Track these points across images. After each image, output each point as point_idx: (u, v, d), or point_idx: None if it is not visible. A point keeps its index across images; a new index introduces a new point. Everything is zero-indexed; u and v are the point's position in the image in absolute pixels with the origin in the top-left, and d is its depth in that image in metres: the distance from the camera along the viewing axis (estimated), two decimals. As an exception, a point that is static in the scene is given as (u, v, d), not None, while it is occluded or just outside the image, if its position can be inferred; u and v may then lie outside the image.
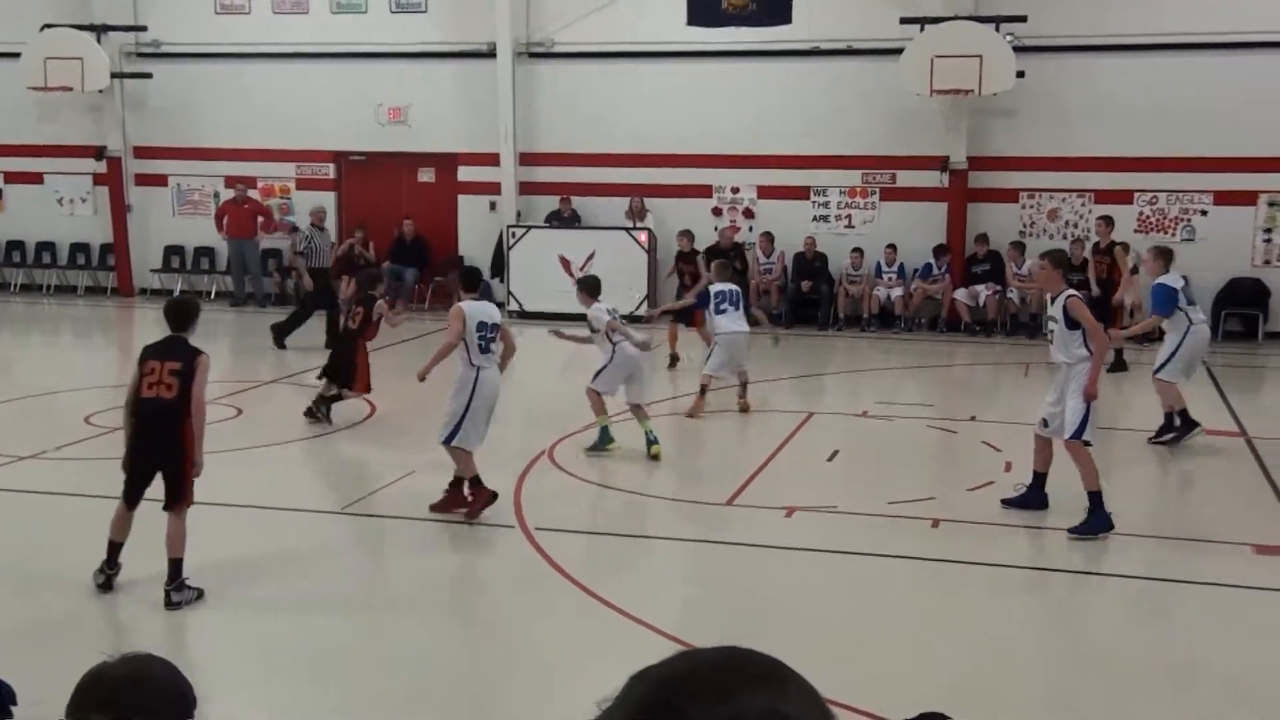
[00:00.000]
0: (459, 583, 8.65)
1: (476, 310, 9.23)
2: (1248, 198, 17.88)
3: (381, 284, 14.01)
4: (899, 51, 17.74)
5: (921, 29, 17.79)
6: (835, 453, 11.55)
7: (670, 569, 8.79)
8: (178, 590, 7.43)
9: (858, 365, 16.64)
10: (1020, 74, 17.44)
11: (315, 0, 20.96)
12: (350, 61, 20.76)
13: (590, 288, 11.40)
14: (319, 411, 12.18)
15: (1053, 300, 9.35)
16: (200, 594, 7.54)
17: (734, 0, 18.55)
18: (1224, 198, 17.94)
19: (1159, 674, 6.83)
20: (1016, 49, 17.49)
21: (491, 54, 20.00)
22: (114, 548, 7.59)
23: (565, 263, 19.35)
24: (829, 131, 19.08)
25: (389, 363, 15.78)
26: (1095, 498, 8.88)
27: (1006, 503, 9.53)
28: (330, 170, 21.50)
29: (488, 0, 19.82)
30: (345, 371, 12.33)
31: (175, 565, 7.46)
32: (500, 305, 20.18)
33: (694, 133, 19.50)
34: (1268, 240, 17.89)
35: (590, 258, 19.20)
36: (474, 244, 20.89)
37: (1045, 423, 9.30)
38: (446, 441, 9.12)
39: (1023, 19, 17.58)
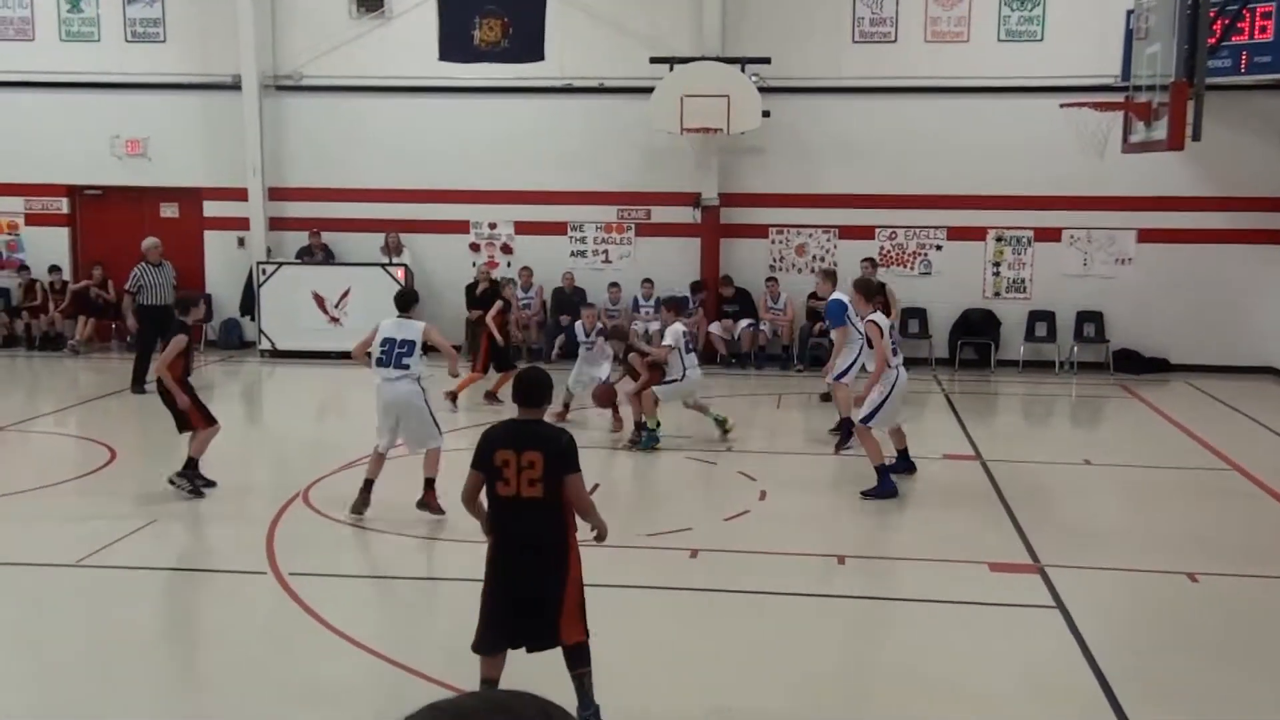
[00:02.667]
0: (208, 632, 8.18)
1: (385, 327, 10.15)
2: (978, 233, 18.99)
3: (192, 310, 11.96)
4: (650, 90, 18.09)
5: (671, 69, 18.20)
6: (595, 486, 11.53)
7: (429, 610, 8.57)
8: None
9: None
10: (766, 113, 18.05)
11: (42, 27, 19.84)
12: (83, 91, 19.70)
13: (678, 306, 14.04)
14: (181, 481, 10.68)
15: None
16: None
17: (486, 37, 18.55)
18: (957, 233, 19.00)
19: (902, 689, 7.05)
20: (762, 89, 18.10)
21: (236, 86, 19.37)
22: None
23: (319, 300, 18.84)
24: (584, 168, 19.27)
25: (131, 407, 14.97)
26: (881, 470, 11.00)
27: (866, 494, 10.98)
28: (64, 205, 20.32)
29: (231, 31, 19.21)
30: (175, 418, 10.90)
31: None
32: (249, 344, 19.58)
33: (449, 168, 19.36)
34: (996, 274, 19.03)
35: (345, 295, 18.77)
36: (222, 281, 20.11)
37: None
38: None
39: (767, 60, 18.23)
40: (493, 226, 19.76)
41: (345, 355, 11.59)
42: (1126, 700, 6.77)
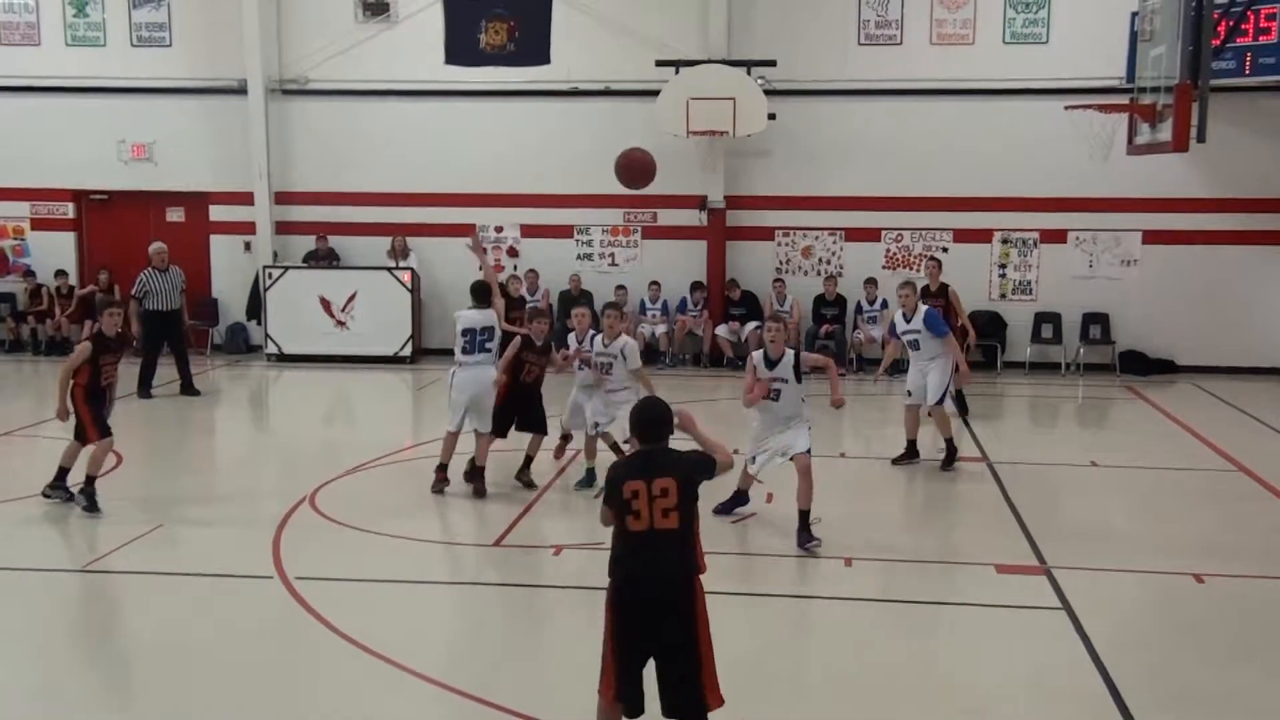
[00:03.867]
0: (214, 638, 8.19)
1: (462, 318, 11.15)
2: (984, 235, 18.99)
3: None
4: (656, 93, 18.10)
5: (677, 72, 18.22)
6: (602, 490, 11.56)
7: (437, 613, 8.58)
8: None
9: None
10: (772, 116, 18.06)
11: (48, 32, 19.91)
12: (89, 96, 19.76)
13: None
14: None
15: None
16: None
17: (492, 40, 18.57)
18: (963, 235, 19.00)
19: (909, 691, 7.05)
20: (768, 92, 18.12)
21: (243, 90, 19.42)
22: None
23: (326, 304, 18.88)
24: (590, 171, 19.20)
25: (137, 412, 15.01)
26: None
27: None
28: (69, 209, 20.38)
29: (237, 35, 19.26)
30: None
31: None
32: (256, 348, 19.63)
33: (455, 171, 19.40)
34: (1002, 275, 19.02)
35: (352, 298, 18.81)
36: (229, 285, 20.18)
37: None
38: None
39: (772, 63, 18.25)
40: (499, 230, 19.79)
41: (352, 359, 11.63)
42: (1134, 702, 6.76)
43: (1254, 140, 17.91)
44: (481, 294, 11.35)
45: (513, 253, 19.78)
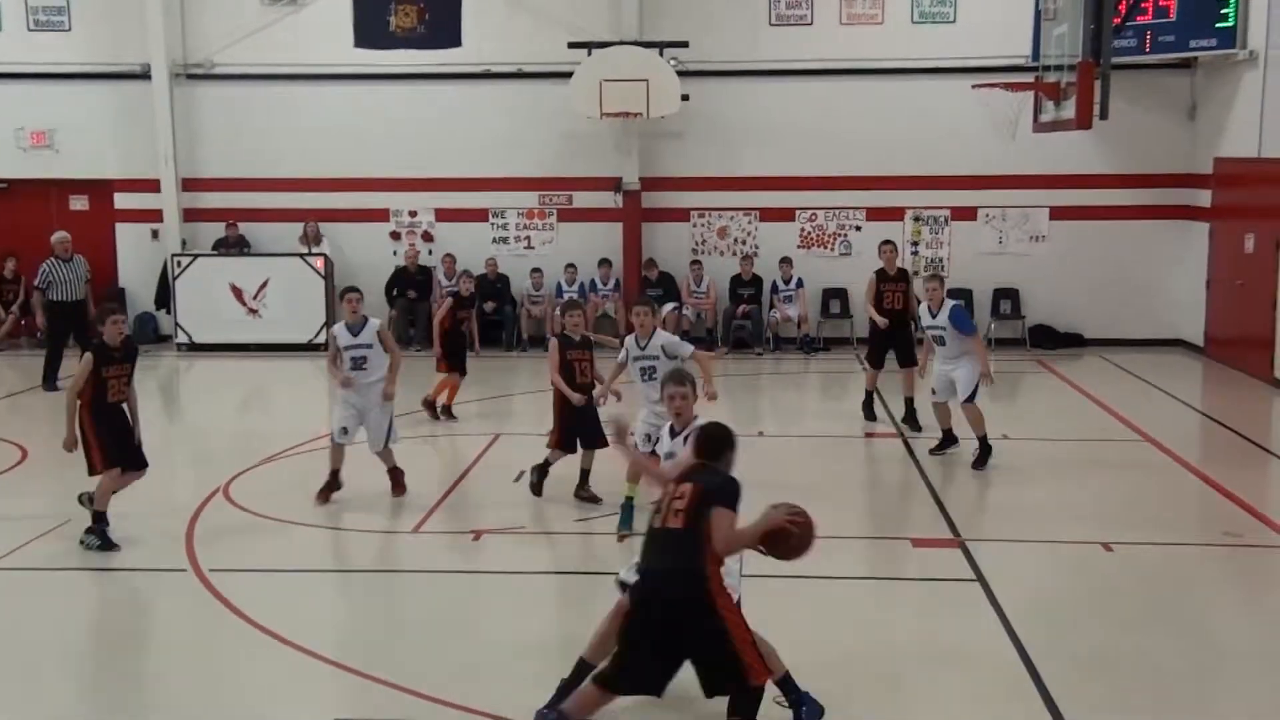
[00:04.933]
0: (129, 632, 8.03)
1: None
2: (896, 214, 19.19)
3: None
4: (569, 75, 18.03)
5: (589, 53, 18.14)
6: (521, 473, 11.53)
7: (354, 602, 8.51)
8: None
9: (543, 386, 16.68)
10: (685, 97, 18.07)
11: (-62, 16, 19.29)
12: (-18, 81, 19.21)
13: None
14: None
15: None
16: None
17: (401, 23, 18.35)
18: (875, 214, 19.18)
19: (825, 663, 7.14)
20: (681, 73, 18.12)
21: (146, 75, 18.98)
22: None
23: (237, 292, 18.57)
24: (504, 154, 19.19)
25: (42, 404, 14.68)
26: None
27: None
28: (-35, 199, 19.78)
29: (139, 19, 18.81)
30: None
31: None
32: (165, 338, 19.24)
33: (368, 156, 19.17)
34: (914, 253, 19.25)
35: (264, 286, 18.52)
36: (136, 274, 19.76)
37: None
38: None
39: (685, 44, 18.25)
40: (413, 214, 19.61)
41: (265, 347, 11.35)
42: (1045, 668, 6.92)
43: (1155, 116, 18.30)
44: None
45: (428, 237, 19.60)
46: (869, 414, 13.53)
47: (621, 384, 10.31)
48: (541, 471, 10.47)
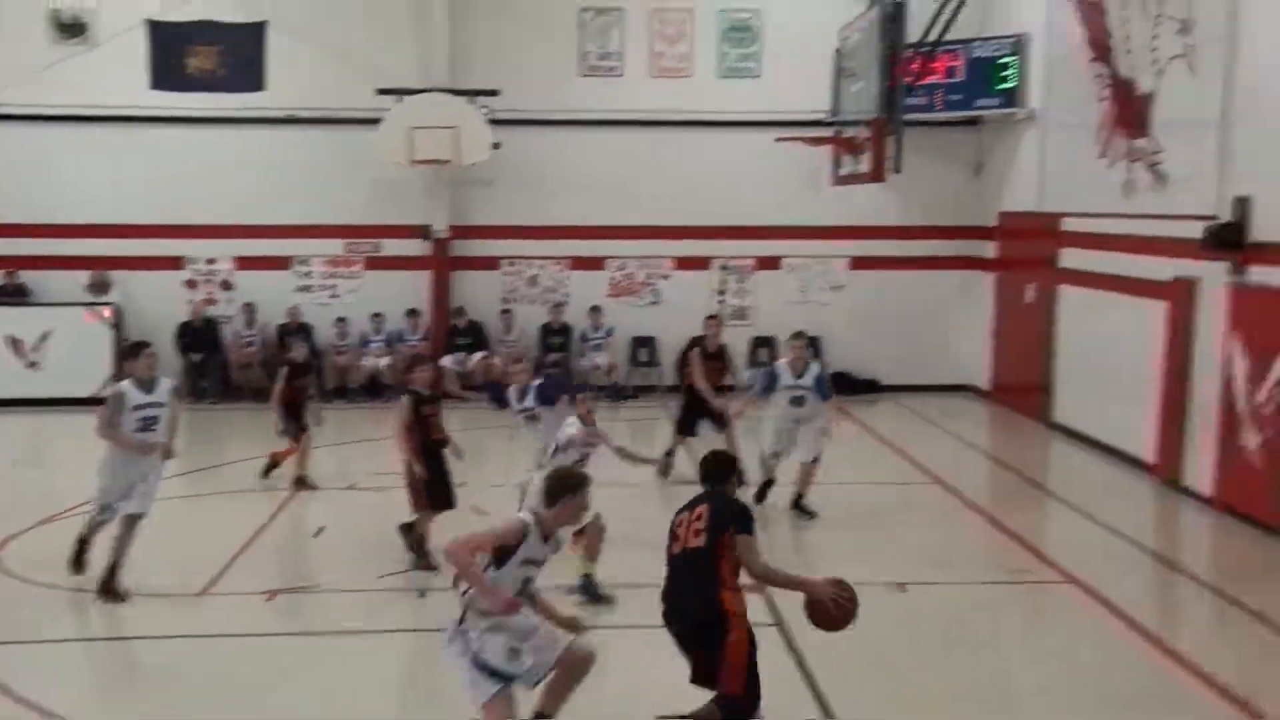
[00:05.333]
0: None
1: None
2: (703, 263, 19.55)
3: None
4: (377, 122, 17.82)
5: (399, 100, 17.99)
6: (321, 529, 11.25)
7: (136, 672, 8.10)
8: None
9: (347, 437, 16.34)
10: (496, 145, 18.07)
11: None
12: None
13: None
14: None
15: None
16: None
17: (201, 65, 17.86)
18: (684, 263, 19.50)
19: (621, 712, 7.12)
20: (492, 121, 18.12)
21: (-79, 114, 17.98)
22: None
23: (16, 344, 17.60)
24: (309, 200, 18.81)
25: None
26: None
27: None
28: None
29: (-89, 54, 17.82)
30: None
31: None
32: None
33: (163, 202, 18.52)
34: (721, 301, 19.61)
35: (45, 337, 17.60)
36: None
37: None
38: None
39: (495, 93, 18.27)
40: (211, 262, 19.00)
41: (45, 402, 10.70)
42: (838, 706, 7.06)
43: (946, 172, 19.13)
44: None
45: (226, 286, 19.02)
46: (665, 470, 13.30)
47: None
48: (410, 532, 10.04)
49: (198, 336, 18.45)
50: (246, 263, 18.97)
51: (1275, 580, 10.18)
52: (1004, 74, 17.45)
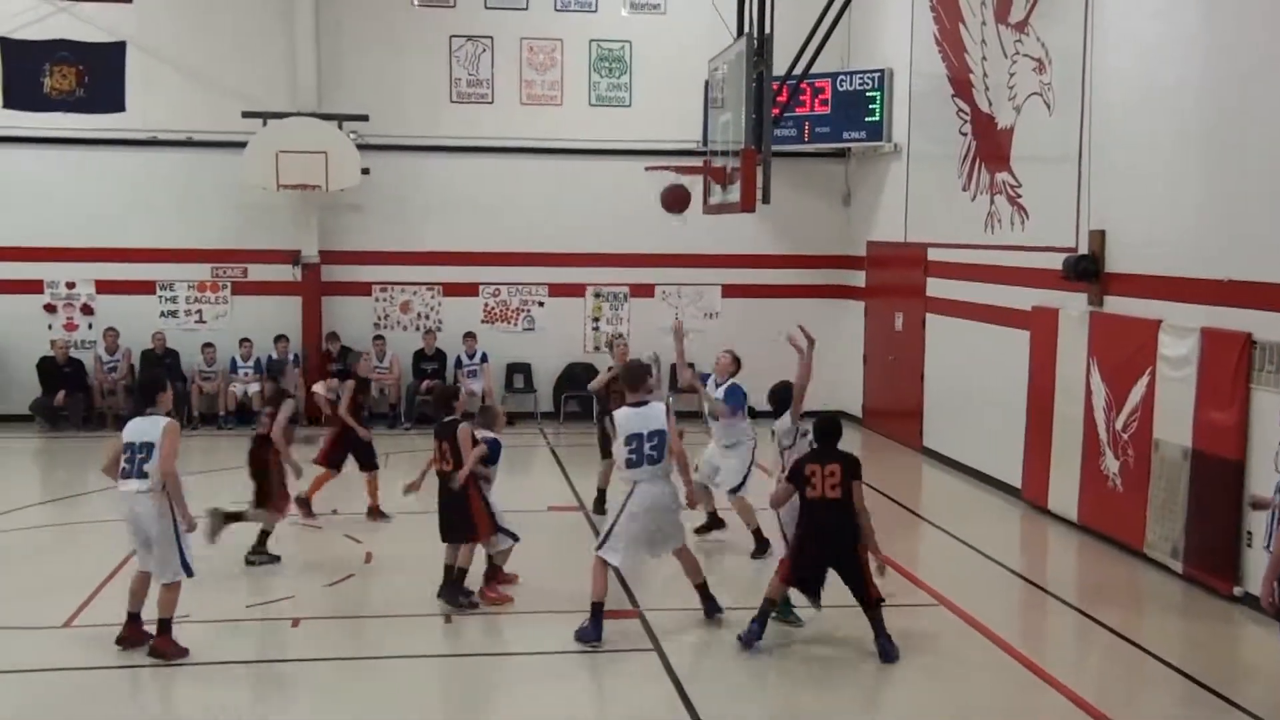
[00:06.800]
0: None
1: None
2: (578, 290, 19.60)
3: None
4: (243, 145, 17.50)
5: (265, 123, 17.69)
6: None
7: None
8: None
9: (216, 465, 15.92)
10: (366, 171, 17.89)
11: None
12: None
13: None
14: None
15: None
16: None
17: (58, 85, 17.33)
18: (558, 290, 19.53)
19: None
20: (361, 146, 17.94)
21: None
22: None
23: None
24: (174, 224, 18.37)
25: None
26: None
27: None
28: None
29: None
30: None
31: None
32: None
33: (19, 224, 17.91)
34: (596, 328, 19.68)
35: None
36: None
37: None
38: None
39: (365, 118, 18.11)
40: (70, 286, 18.38)
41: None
42: (718, 734, 7.11)
43: (815, 202, 19.55)
44: (150, 393, 8.63)
45: (87, 310, 18.42)
46: (600, 508, 12.88)
47: None
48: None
49: (60, 374, 17.78)
50: (108, 286, 18.41)
51: (1134, 599, 10.60)
52: (870, 107, 17.91)
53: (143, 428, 8.36)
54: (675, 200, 13.83)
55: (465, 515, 9.47)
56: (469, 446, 9.42)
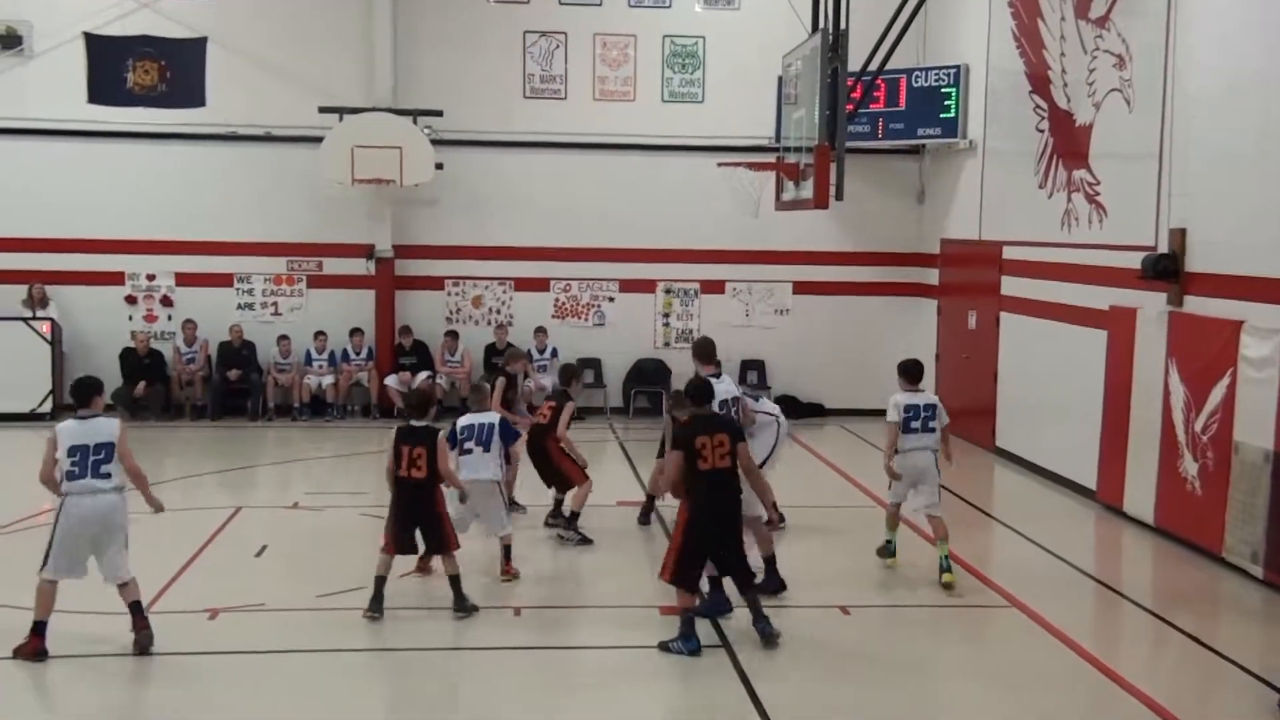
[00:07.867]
0: None
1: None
2: (649, 286, 19.62)
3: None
4: (319, 140, 17.73)
5: (341, 119, 17.91)
6: (264, 548, 11.13)
7: (82, 689, 7.94)
8: None
9: (290, 456, 16.19)
10: (440, 165, 18.05)
11: None
12: None
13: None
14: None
15: None
16: None
17: (141, 80, 17.65)
18: (628, 285, 19.56)
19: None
20: (435, 141, 18.10)
21: None
22: None
23: (-51, 360, 17.26)
24: (251, 217, 18.66)
25: None
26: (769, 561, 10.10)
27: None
28: None
29: None
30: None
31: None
32: None
33: (102, 216, 18.30)
34: (666, 324, 19.69)
35: (-20, 352, 17.29)
36: None
37: None
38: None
39: (439, 113, 18.26)
40: (151, 278, 18.76)
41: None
42: (785, 732, 7.09)
43: (888, 199, 19.39)
44: (86, 393, 8.54)
45: (167, 302, 18.78)
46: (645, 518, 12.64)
47: None
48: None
49: (141, 366, 18.14)
50: (187, 279, 18.76)
51: (1212, 603, 10.39)
52: (945, 104, 17.72)
53: (94, 428, 8.29)
54: None
55: (438, 526, 9.26)
56: (446, 455, 9.43)
